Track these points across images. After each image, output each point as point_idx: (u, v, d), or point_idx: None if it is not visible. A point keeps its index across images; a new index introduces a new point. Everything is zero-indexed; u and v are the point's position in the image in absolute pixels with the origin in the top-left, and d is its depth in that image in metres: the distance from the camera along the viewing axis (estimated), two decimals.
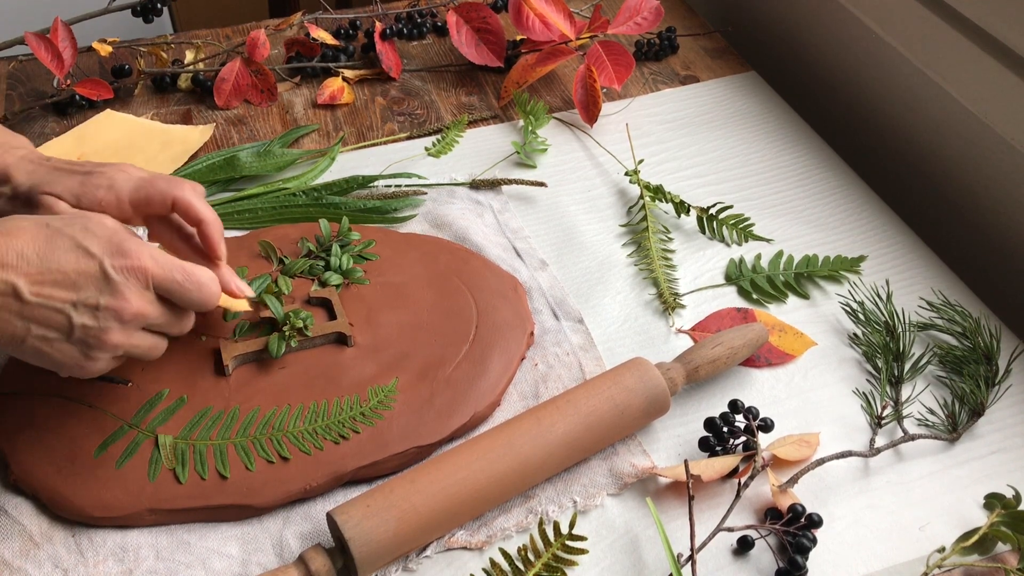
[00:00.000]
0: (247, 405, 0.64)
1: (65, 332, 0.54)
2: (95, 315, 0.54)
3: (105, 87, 0.92)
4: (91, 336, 0.54)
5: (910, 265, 0.80)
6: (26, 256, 0.52)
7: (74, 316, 0.53)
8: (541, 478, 0.61)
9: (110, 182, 0.60)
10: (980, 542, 0.58)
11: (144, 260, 0.54)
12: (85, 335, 0.54)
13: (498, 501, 0.60)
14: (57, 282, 0.52)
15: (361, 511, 0.55)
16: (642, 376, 0.63)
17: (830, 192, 0.87)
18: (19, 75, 1.00)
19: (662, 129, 0.95)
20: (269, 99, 0.96)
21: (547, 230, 0.83)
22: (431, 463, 0.59)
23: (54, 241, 0.53)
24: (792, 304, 0.76)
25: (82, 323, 0.53)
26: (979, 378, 0.68)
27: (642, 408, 0.63)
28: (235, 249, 0.75)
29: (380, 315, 0.71)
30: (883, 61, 0.95)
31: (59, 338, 0.54)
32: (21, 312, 0.52)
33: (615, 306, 0.76)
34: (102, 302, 0.53)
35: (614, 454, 0.64)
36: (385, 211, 0.82)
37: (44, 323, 0.53)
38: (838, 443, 0.65)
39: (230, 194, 0.84)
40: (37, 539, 0.58)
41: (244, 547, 0.59)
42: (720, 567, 0.58)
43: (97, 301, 0.53)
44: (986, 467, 0.64)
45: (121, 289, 0.54)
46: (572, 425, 0.61)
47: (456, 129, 0.93)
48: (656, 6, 0.98)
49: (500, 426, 0.61)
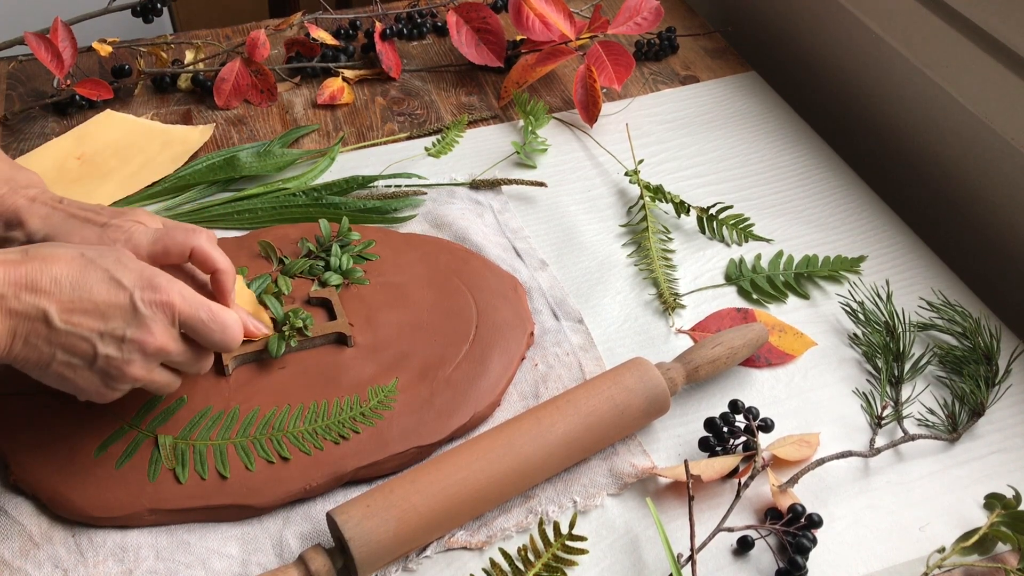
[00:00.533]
0: (247, 405, 0.64)
1: (89, 360, 0.54)
2: (120, 346, 0.54)
3: (105, 87, 0.92)
4: (113, 367, 0.55)
5: (910, 265, 0.80)
6: (60, 283, 0.53)
7: (99, 346, 0.54)
8: (541, 478, 0.61)
9: (127, 235, 0.61)
10: (980, 542, 0.58)
11: (173, 296, 0.55)
12: (107, 365, 0.55)
13: (498, 501, 0.60)
14: (87, 311, 0.53)
15: (361, 511, 0.55)
16: (642, 376, 0.63)
17: (830, 192, 0.87)
18: (19, 75, 1.00)
19: (662, 129, 0.95)
20: (269, 99, 0.96)
21: (547, 230, 0.83)
22: (431, 463, 0.59)
23: (88, 271, 0.54)
24: (792, 304, 0.76)
25: (106, 353, 0.54)
26: (979, 378, 0.68)
27: (642, 408, 0.63)
28: (235, 249, 0.75)
29: (380, 315, 0.71)
30: (883, 61, 0.95)
31: (82, 366, 0.55)
32: (49, 338, 0.53)
33: (615, 306, 0.76)
34: (128, 334, 0.54)
35: (614, 454, 0.64)
36: (385, 211, 0.82)
37: (70, 350, 0.54)
38: (838, 443, 0.65)
39: (230, 194, 0.84)
40: (37, 539, 0.58)
41: (244, 547, 0.59)
42: (720, 567, 0.58)
43: (124, 333, 0.54)
44: (986, 467, 0.64)
45: (147, 323, 0.55)
46: (572, 425, 0.61)
47: (456, 129, 0.93)
48: (656, 6, 0.98)
49: (500, 426, 0.61)
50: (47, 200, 0.64)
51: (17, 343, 0.53)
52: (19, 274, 0.52)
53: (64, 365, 0.54)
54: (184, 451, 0.61)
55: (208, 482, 0.60)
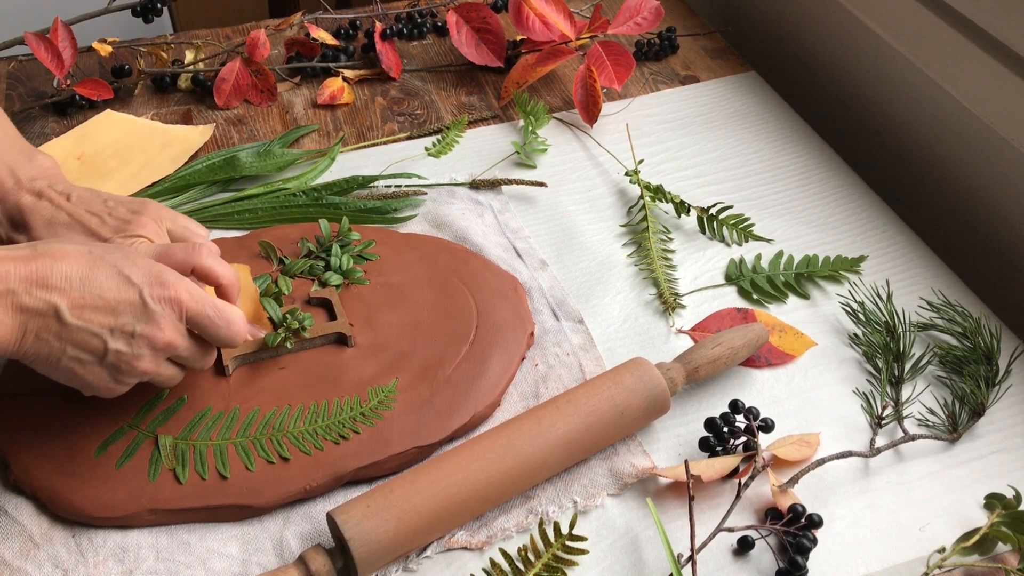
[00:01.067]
0: (247, 405, 0.64)
1: (99, 356, 0.55)
2: (130, 342, 0.55)
3: (105, 87, 0.92)
4: (123, 361, 0.56)
5: (910, 265, 0.80)
6: (71, 279, 0.53)
7: (110, 341, 0.55)
8: (541, 478, 0.61)
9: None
10: (980, 542, 0.58)
11: (181, 292, 0.56)
12: (117, 360, 0.55)
13: (498, 501, 0.60)
14: (97, 307, 0.54)
15: (361, 511, 0.55)
16: (642, 376, 0.63)
17: (830, 192, 0.87)
18: (19, 75, 1.00)
19: (662, 129, 0.95)
20: (269, 99, 0.96)
21: (547, 230, 0.83)
22: (431, 463, 0.59)
23: (97, 267, 0.54)
24: (792, 304, 0.76)
25: (116, 348, 0.55)
26: (979, 378, 0.68)
27: (642, 408, 0.63)
28: (235, 249, 0.75)
29: (380, 315, 0.71)
30: (883, 61, 0.95)
31: (92, 361, 0.55)
32: (60, 334, 0.53)
33: (615, 306, 0.76)
34: (138, 329, 0.55)
35: (614, 454, 0.64)
36: (385, 211, 0.82)
37: (80, 346, 0.54)
38: (838, 443, 0.65)
39: (230, 194, 0.84)
40: (37, 539, 0.58)
41: (244, 547, 0.59)
42: (720, 567, 0.58)
43: (133, 328, 0.55)
44: (986, 467, 0.64)
45: (157, 318, 0.55)
46: (572, 425, 0.61)
47: (456, 129, 0.93)
48: (656, 6, 0.98)
49: (500, 426, 0.61)
50: (54, 197, 0.64)
51: (28, 339, 0.53)
52: (30, 270, 0.52)
53: (74, 360, 0.55)
54: (184, 451, 0.61)
55: (208, 482, 0.60)
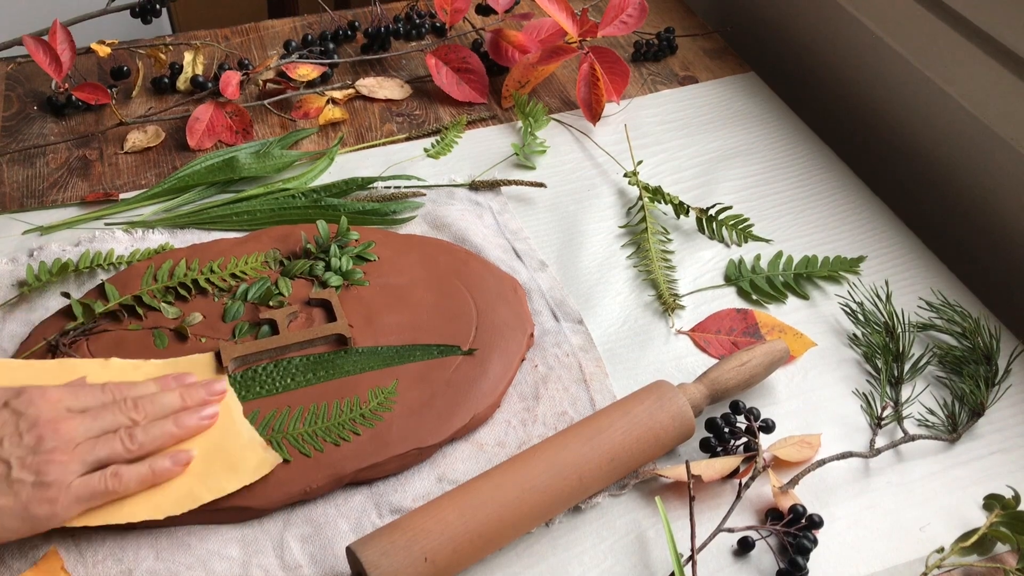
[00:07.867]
0: (247, 407, 0.64)
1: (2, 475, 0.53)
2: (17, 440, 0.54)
3: (103, 91, 0.90)
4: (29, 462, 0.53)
5: (910, 265, 0.80)
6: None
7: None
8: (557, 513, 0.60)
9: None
10: (980, 542, 0.58)
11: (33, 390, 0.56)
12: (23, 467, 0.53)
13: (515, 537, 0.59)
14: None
15: (385, 544, 0.53)
16: (679, 427, 0.62)
17: (830, 192, 0.87)
18: (18, 76, 1.00)
19: (661, 130, 0.95)
20: (245, 138, 0.92)
21: (547, 231, 0.83)
22: (456, 496, 0.57)
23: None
24: (792, 304, 0.76)
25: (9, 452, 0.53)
26: (979, 378, 0.68)
27: (668, 448, 0.63)
28: (235, 249, 0.75)
29: (380, 316, 0.70)
30: (883, 62, 0.95)
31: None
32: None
33: (615, 307, 0.76)
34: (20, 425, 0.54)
35: None
36: (384, 212, 0.82)
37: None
38: (838, 444, 0.65)
39: (229, 195, 0.84)
40: (37, 539, 0.58)
41: (244, 549, 0.58)
42: (721, 568, 0.58)
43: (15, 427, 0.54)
44: (986, 467, 0.64)
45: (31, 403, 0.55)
46: (603, 484, 0.60)
47: (455, 130, 0.93)
48: (640, 2, 0.97)
49: (528, 459, 0.59)
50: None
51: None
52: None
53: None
54: None
55: None
